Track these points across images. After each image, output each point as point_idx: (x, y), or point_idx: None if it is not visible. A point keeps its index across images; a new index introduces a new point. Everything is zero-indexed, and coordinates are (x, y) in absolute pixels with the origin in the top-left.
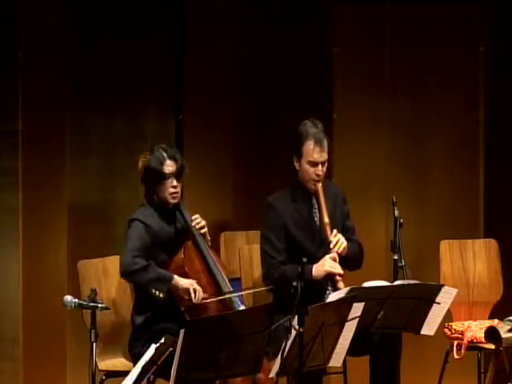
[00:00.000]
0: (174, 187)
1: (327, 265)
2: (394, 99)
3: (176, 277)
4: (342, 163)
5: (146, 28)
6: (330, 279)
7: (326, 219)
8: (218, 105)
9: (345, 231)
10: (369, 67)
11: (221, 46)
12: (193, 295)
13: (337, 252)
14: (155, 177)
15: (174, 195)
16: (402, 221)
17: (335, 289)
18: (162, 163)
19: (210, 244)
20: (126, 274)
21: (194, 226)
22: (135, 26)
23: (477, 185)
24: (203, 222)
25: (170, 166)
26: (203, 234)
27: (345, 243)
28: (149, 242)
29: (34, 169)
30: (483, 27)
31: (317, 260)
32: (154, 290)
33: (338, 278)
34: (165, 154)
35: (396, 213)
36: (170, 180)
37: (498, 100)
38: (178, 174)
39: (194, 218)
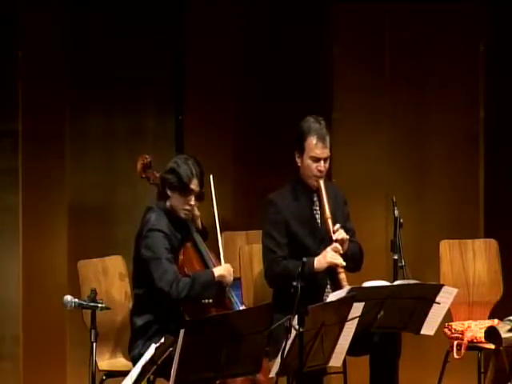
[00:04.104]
0: (191, 205)
1: (329, 256)
2: (394, 99)
3: (215, 272)
4: (342, 163)
5: (145, 28)
6: (331, 271)
7: (328, 213)
8: (218, 105)
9: None
10: (369, 67)
11: (221, 46)
12: (231, 277)
13: (338, 242)
14: (179, 186)
15: (187, 212)
16: (401, 221)
17: (336, 281)
18: (190, 178)
19: None
20: (178, 301)
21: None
22: (135, 25)
23: (477, 184)
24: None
25: (195, 185)
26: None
27: (346, 237)
28: (169, 248)
29: (33, 169)
30: (483, 27)
31: None
32: (203, 301)
33: (339, 269)
34: (194, 171)
35: (396, 213)
36: (190, 197)
37: (497, 100)
38: (197, 196)
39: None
